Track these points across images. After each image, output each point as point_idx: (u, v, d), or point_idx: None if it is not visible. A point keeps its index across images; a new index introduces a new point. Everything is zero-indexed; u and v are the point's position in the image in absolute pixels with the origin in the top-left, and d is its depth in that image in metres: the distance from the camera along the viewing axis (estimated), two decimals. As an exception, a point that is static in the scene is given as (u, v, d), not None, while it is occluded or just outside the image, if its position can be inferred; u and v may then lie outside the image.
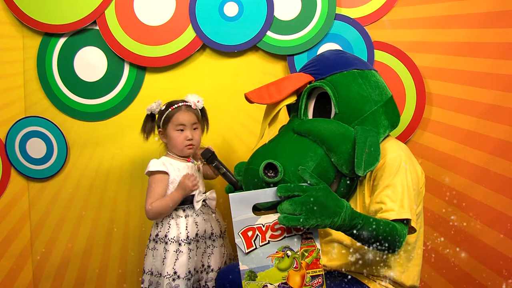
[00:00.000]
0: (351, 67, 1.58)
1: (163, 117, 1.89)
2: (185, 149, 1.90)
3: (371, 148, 1.42)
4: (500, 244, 2.06)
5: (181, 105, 1.90)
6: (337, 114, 1.54)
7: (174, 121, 1.87)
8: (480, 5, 2.08)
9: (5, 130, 2.22)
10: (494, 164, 2.07)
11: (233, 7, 2.17)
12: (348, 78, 1.56)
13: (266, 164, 1.42)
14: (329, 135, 1.47)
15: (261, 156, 1.49)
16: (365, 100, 1.54)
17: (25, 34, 2.21)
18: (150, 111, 1.92)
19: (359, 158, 1.40)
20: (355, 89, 1.54)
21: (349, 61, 1.61)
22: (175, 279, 1.79)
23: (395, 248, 1.38)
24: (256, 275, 1.27)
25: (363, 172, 1.39)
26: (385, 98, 1.58)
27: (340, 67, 1.58)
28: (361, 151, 1.40)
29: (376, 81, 1.59)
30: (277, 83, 1.58)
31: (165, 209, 1.84)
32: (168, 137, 1.90)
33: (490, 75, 2.07)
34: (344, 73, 1.57)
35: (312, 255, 1.30)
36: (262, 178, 1.42)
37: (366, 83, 1.56)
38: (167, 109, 1.89)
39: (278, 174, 1.41)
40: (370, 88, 1.56)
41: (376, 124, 1.54)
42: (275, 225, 1.29)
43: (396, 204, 1.40)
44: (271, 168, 1.43)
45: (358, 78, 1.56)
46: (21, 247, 2.26)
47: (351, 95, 1.54)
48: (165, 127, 1.89)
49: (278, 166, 1.41)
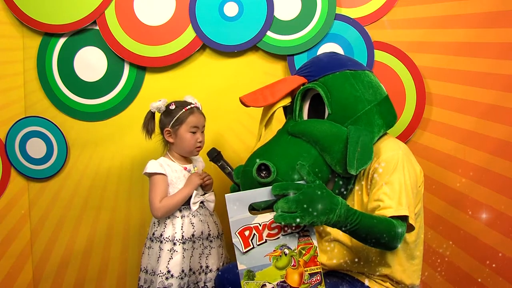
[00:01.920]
0: (343, 68, 1.59)
1: (175, 117, 1.88)
2: (194, 151, 1.92)
3: (364, 147, 1.43)
4: (500, 244, 2.06)
5: (193, 107, 1.90)
6: (330, 115, 1.54)
7: (189, 122, 1.88)
8: (480, 5, 2.08)
9: (5, 130, 2.22)
10: (494, 164, 2.07)
11: (233, 7, 2.17)
12: (340, 78, 1.56)
13: (259, 165, 1.43)
14: (322, 135, 1.48)
15: (256, 157, 1.49)
16: (358, 100, 1.54)
17: (25, 34, 2.21)
18: (157, 109, 1.91)
19: (351, 157, 1.40)
20: (347, 89, 1.55)
21: (342, 62, 1.62)
22: (168, 277, 1.80)
23: (394, 245, 1.38)
24: (254, 274, 1.27)
25: (356, 171, 1.40)
26: (379, 98, 1.58)
27: (333, 68, 1.59)
28: (353, 150, 1.41)
29: (370, 81, 1.59)
30: (271, 86, 1.60)
31: (175, 206, 1.86)
32: (179, 137, 1.90)
33: (490, 75, 2.07)
34: (336, 74, 1.57)
35: (309, 253, 1.30)
36: (255, 178, 1.42)
37: (358, 83, 1.56)
38: (179, 110, 1.88)
39: (271, 175, 1.41)
40: (363, 88, 1.56)
41: (370, 124, 1.53)
42: (272, 223, 1.29)
43: (394, 201, 1.40)
44: (264, 169, 1.44)
45: (350, 78, 1.56)
46: (21, 247, 2.27)
47: (344, 95, 1.54)
48: (176, 128, 1.89)
49: (271, 166, 1.42)
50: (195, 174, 1.91)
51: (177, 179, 1.90)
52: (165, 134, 1.93)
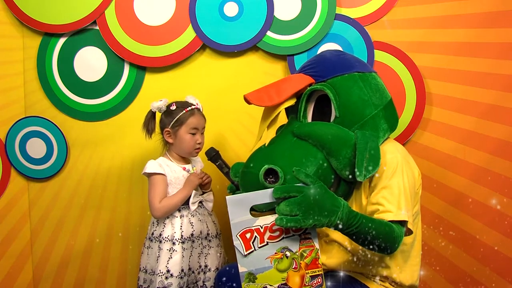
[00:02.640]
0: (352, 70, 1.56)
1: (175, 118, 1.88)
2: (193, 152, 1.92)
3: (372, 154, 1.41)
4: (500, 244, 2.06)
5: (193, 108, 1.90)
6: (338, 118, 1.53)
7: (189, 124, 1.88)
8: (480, 5, 2.08)
9: (5, 130, 2.22)
10: (494, 164, 2.07)
11: (233, 7, 2.17)
12: (349, 81, 1.54)
13: (267, 169, 1.42)
14: (330, 140, 1.46)
15: (260, 159, 1.48)
16: (365, 104, 1.52)
17: (25, 34, 2.21)
18: (157, 109, 1.91)
19: (360, 164, 1.39)
20: (356, 93, 1.53)
21: (350, 63, 1.59)
22: (168, 277, 1.80)
23: (392, 249, 1.38)
24: (255, 277, 1.27)
25: (363, 178, 1.38)
26: (385, 102, 1.57)
27: (342, 70, 1.56)
28: (362, 157, 1.40)
29: (377, 83, 1.58)
30: (276, 85, 1.57)
31: (174, 206, 1.86)
32: (179, 138, 1.90)
33: (490, 75, 2.07)
34: (345, 76, 1.55)
35: (311, 255, 1.30)
36: (262, 183, 1.41)
37: (367, 86, 1.54)
38: (180, 111, 1.88)
39: (278, 180, 1.41)
40: (370, 92, 1.54)
41: (376, 128, 1.53)
42: (273, 226, 1.28)
43: (393, 206, 1.40)
44: (271, 173, 1.43)
45: (359, 81, 1.55)
46: (21, 247, 2.27)
47: (352, 99, 1.52)
48: (176, 129, 1.89)
49: (279, 171, 1.41)
50: (193, 175, 1.91)
51: (176, 179, 1.90)
52: (164, 134, 1.93)
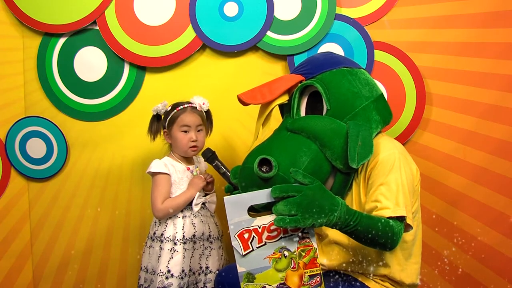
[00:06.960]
0: (340, 65, 1.62)
1: (168, 118, 1.90)
2: (189, 151, 1.91)
3: (364, 141, 1.44)
4: (500, 244, 2.06)
5: (186, 107, 1.91)
6: (329, 111, 1.56)
7: (179, 122, 1.89)
8: (480, 5, 2.08)
9: (5, 130, 2.22)
10: (494, 164, 2.07)
11: (233, 7, 2.17)
12: (337, 75, 1.59)
13: (260, 159, 1.43)
14: (322, 131, 1.49)
15: (255, 154, 1.49)
16: (355, 96, 1.56)
17: (25, 34, 2.21)
18: (156, 111, 1.93)
19: (352, 151, 1.42)
20: (345, 85, 1.57)
21: (338, 60, 1.65)
22: (168, 277, 1.80)
23: (392, 245, 1.38)
24: (254, 276, 1.27)
25: (357, 164, 1.41)
26: (376, 95, 1.60)
27: (330, 66, 1.62)
28: (354, 144, 1.43)
29: (366, 78, 1.62)
30: (268, 84, 1.62)
31: (176, 208, 1.86)
32: (173, 138, 1.91)
33: (490, 75, 2.07)
34: (333, 71, 1.60)
35: (309, 255, 1.30)
36: (256, 173, 1.42)
37: (355, 79, 1.59)
38: (172, 110, 1.90)
39: (272, 169, 1.42)
40: (360, 85, 1.58)
41: (368, 119, 1.55)
42: (271, 226, 1.28)
43: (391, 202, 1.41)
44: (265, 164, 1.44)
45: (347, 75, 1.59)
46: (21, 247, 2.27)
47: (342, 91, 1.56)
48: (170, 128, 1.91)
49: (272, 160, 1.42)
50: (197, 177, 1.92)
51: (180, 180, 1.90)
52: (164, 135, 1.95)
